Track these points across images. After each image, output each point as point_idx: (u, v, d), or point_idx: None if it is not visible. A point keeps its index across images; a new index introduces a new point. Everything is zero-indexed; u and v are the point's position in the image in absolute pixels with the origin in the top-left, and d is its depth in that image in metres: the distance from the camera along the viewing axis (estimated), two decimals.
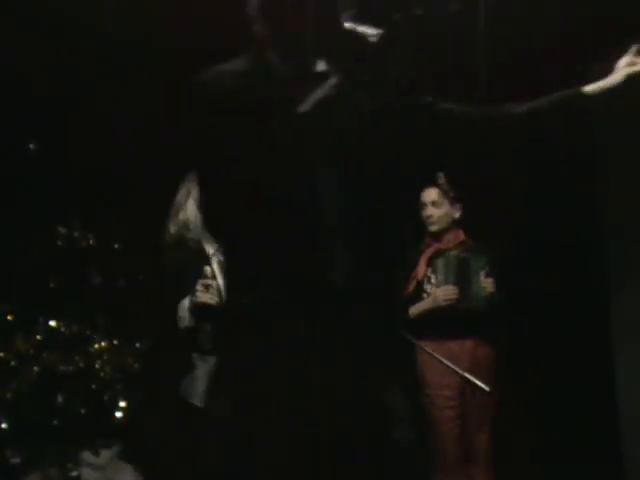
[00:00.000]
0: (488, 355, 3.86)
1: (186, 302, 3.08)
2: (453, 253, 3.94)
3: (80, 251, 4.29)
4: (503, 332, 3.94)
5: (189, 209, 3.26)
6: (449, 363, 3.13)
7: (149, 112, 4.43)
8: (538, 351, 4.61)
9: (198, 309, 3.06)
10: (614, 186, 4.56)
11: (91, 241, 4.31)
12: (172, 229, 3.25)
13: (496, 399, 3.76)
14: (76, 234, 4.28)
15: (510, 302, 3.90)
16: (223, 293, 3.12)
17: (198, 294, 3.03)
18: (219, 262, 3.22)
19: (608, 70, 4.51)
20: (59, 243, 4.26)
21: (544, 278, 4.63)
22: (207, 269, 3.06)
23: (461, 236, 4.02)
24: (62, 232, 4.26)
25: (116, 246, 4.37)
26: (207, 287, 3.04)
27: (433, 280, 3.87)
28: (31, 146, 4.26)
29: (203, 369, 3.15)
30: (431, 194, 4.01)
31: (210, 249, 3.24)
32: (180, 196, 3.28)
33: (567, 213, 4.66)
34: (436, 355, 3.25)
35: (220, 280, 3.19)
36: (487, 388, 2.78)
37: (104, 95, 4.38)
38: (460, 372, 3.01)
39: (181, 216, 3.26)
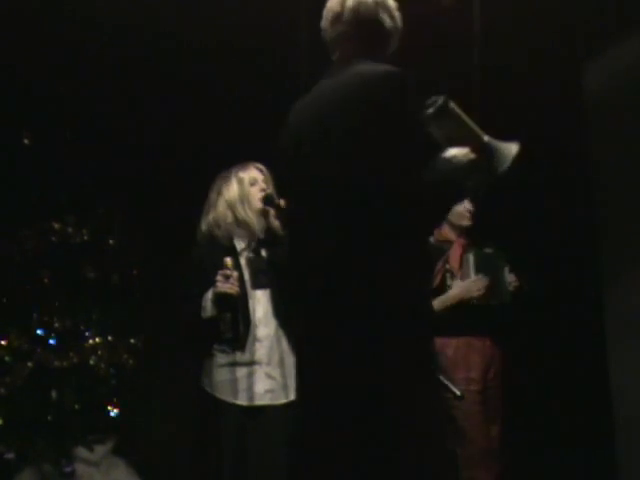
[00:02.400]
0: (499, 351, 3.87)
1: (209, 293, 3.14)
2: (479, 249, 3.91)
3: (74, 247, 4.29)
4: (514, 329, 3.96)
5: (220, 208, 3.32)
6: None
7: (149, 110, 4.43)
8: (533, 351, 4.63)
9: (218, 299, 3.11)
10: (611, 185, 4.57)
11: (85, 237, 4.31)
12: (203, 227, 3.34)
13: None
14: (70, 230, 4.28)
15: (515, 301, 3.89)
16: (247, 285, 3.23)
17: (218, 284, 3.10)
18: (247, 258, 3.28)
19: (603, 68, 4.55)
20: (53, 239, 4.26)
21: (539, 277, 4.64)
22: (227, 260, 3.13)
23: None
24: (56, 227, 4.26)
25: (110, 242, 4.38)
26: (227, 277, 3.10)
27: (458, 275, 3.83)
28: (26, 141, 4.25)
29: (223, 359, 3.19)
30: None
31: (241, 245, 3.30)
32: (212, 195, 3.37)
33: (563, 210, 4.67)
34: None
35: (246, 273, 3.25)
36: (458, 393, 2.78)
37: (101, 91, 4.38)
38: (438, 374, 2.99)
39: (212, 215, 3.33)
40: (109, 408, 4.11)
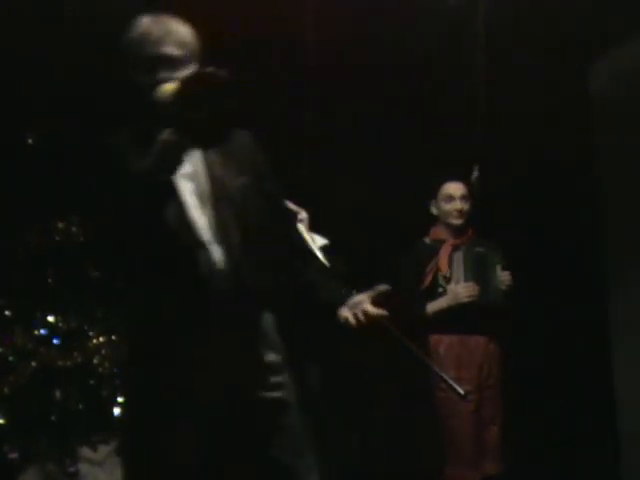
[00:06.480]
0: (498, 351, 3.86)
1: None
2: (470, 248, 3.88)
3: (78, 246, 4.29)
4: (511, 327, 3.95)
5: None
6: (428, 360, 3.09)
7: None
8: (537, 349, 4.63)
9: None
10: (614, 185, 4.57)
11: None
12: None
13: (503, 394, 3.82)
14: (74, 229, 4.28)
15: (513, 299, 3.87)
16: None
17: None
18: None
19: (606, 70, 4.54)
20: (57, 238, 4.25)
21: (543, 276, 4.63)
22: None
23: (470, 231, 3.98)
24: (60, 227, 4.26)
25: None
26: None
27: (448, 275, 3.81)
28: (30, 141, 4.25)
29: None
30: (460, 188, 3.94)
31: None
32: None
33: (566, 211, 4.67)
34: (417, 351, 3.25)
35: None
36: (462, 392, 2.75)
37: (105, 89, 4.37)
38: (438, 372, 2.98)
39: None
40: (113, 408, 4.11)
